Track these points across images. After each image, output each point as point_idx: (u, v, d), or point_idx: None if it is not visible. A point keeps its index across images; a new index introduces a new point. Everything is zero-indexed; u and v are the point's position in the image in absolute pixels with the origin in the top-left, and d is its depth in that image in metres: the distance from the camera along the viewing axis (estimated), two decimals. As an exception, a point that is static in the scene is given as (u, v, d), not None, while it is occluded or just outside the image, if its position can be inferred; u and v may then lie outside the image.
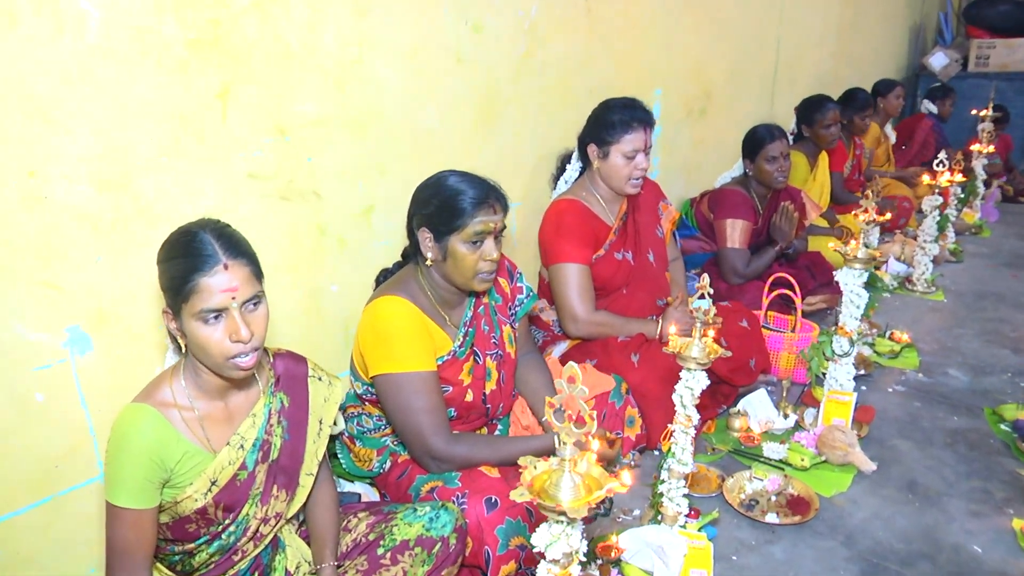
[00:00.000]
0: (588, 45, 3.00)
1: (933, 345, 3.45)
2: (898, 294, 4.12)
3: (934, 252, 4.11)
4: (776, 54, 4.70)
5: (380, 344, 2.00)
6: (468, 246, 1.96)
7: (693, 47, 3.74)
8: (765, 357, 2.90)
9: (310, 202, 2.20)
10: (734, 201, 3.47)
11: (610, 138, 2.61)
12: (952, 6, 7.63)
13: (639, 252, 2.78)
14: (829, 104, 4.31)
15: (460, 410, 2.12)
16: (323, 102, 2.15)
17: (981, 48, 6.73)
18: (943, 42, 7.43)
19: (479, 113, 2.61)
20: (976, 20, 6.91)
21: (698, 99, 3.88)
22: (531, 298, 2.32)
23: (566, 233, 2.64)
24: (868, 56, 6.35)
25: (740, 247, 3.40)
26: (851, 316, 2.55)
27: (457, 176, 2.00)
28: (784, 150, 3.47)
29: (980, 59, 6.75)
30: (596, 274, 2.68)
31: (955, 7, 7.63)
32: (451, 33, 2.44)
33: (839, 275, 2.54)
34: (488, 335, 2.17)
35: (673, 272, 2.99)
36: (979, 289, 4.20)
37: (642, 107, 2.63)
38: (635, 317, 2.73)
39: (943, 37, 7.49)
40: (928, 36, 7.64)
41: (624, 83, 3.25)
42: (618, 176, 2.64)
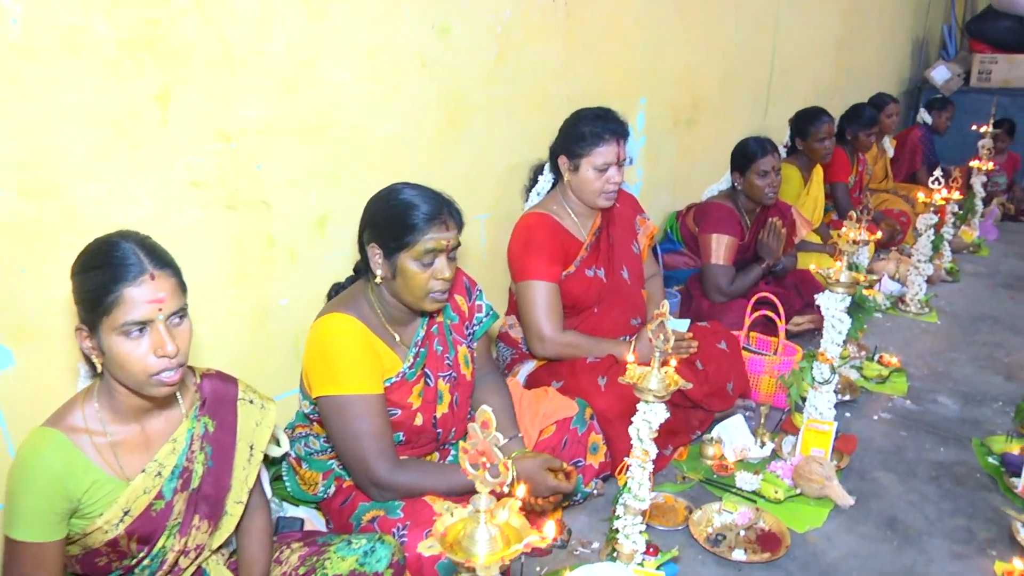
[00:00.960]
0: (567, 51, 2.89)
1: (924, 370, 3.33)
2: (890, 314, 4.00)
3: (928, 272, 3.99)
4: (771, 63, 4.59)
5: (324, 364, 1.89)
6: (419, 264, 1.85)
7: (682, 54, 3.63)
8: (744, 381, 2.78)
9: (258, 212, 2.10)
10: (720, 215, 3.36)
11: (581, 150, 2.50)
12: (956, 20, 7.52)
13: (612, 269, 2.67)
14: (824, 117, 4.20)
15: (409, 435, 2.01)
16: (272, 107, 2.05)
17: (983, 63, 6.61)
18: (946, 55, 7.32)
19: (445, 120, 2.50)
20: (979, 35, 6.80)
21: (686, 109, 3.77)
22: (491, 317, 2.21)
23: (534, 249, 2.54)
24: (869, 68, 6.24)
25: (725, 263, 3.29)
26: (832, 342, 2.43)
27: (410, 190, 1.90)
28: (776, 165, 3.36)
29: (982, 74, 6.64)
30: (566, 292, 2.58)
31: (959, 21, 7.52)
32: (415, 36, 2.34)
33: (820, 299, 2.43)
34: (441, 356, 2.06)
35: (650, 289, 2.88)
36: (975, 311, 4.08)
37: (615, 118, 2.53)
38: (606, 338, 2.62)
39: (947, 50, 7.38)
40: (931, 49, 7.53)
41: (606, 91, 3.15)
42: (589, 190, 2.54)
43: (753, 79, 4.44)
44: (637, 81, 3.34)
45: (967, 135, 6.07)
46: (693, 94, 3.80)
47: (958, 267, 4.69)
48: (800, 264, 3.95)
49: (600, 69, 3.09)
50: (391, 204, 1.88)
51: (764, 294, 3.03)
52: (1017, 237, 5.62)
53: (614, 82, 3.19)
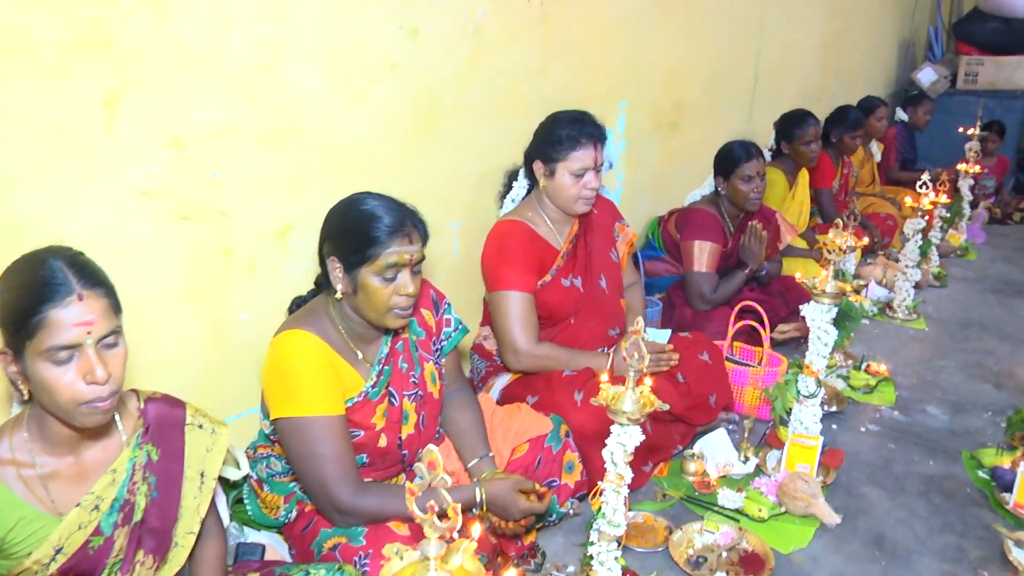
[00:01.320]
0: (543, 52, 2.80)
1: (912, 379, 3.26)
2: (877, 321, 3.92)
3: (916, 278, 3.92)
4: (756, 65, 4.52)
5: (282, 384, 1.80)
6: (381, 279, 1.76)
7: (665, 56, 3.55)
8: (727, 393, 2.70)
9: (215, 222, 2.00)
10: (703, 221, 3.27)
11: (556, 155, 2.41)
12: (942, 22, 7.48)
13: (590, 278, 2.59)
14: (810, 120, 4.13)
15: (372, 456, 1.91)
16: (230, 111, 1.95)
17: (970, 65, 6.57)
18: (933, 57, 7.28)
19: (415, 124, 2.41)
20: (965, 37, 6.76)
21: (669, 111, 3.68)
22: (460, 331, 2.12)
23: (508, 258, 2.44)
24: (856, 70, 6.18)
25: (708, 271, 3.20)
26: (818, 355, 2.35)
27: (372, 200, 1.80)
28: (760, 170, 3.28)
29: (969, 76, 6.60)
30: (541, 302, 2.49)
31: (945, 23, 7.48)
32: (382, 36, 2.24)
33: (805, 310, 2.35)
34: (407, 374, 1.97)
35: (630, 299, 2.79)
36: (963, 317, 4.01)
37: (592, 121, 2.44)
38: (584, 350, 2.53)
39: (933, 52, 7.34)
40: (917, 51, 7.49)
41: (584, 93, 3.06)
42: (566, 196, 2.45)
43: (738, 81, 4.37)
44: (618, 83, 3.25)
45: (954, 137, 6.02)
46: (676, 96, 3.72)
47: (946, 271, 4.63)
48: (785, 270, 3.88)
49: (579, 71, 3.00)
50: (352, 216, 1.78)
51: (748, 303, 2.95)
52: (1004, 240, 5.57)
53: (593, 84, 3.11)
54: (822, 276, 2.33)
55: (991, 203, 6.10)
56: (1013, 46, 6.50)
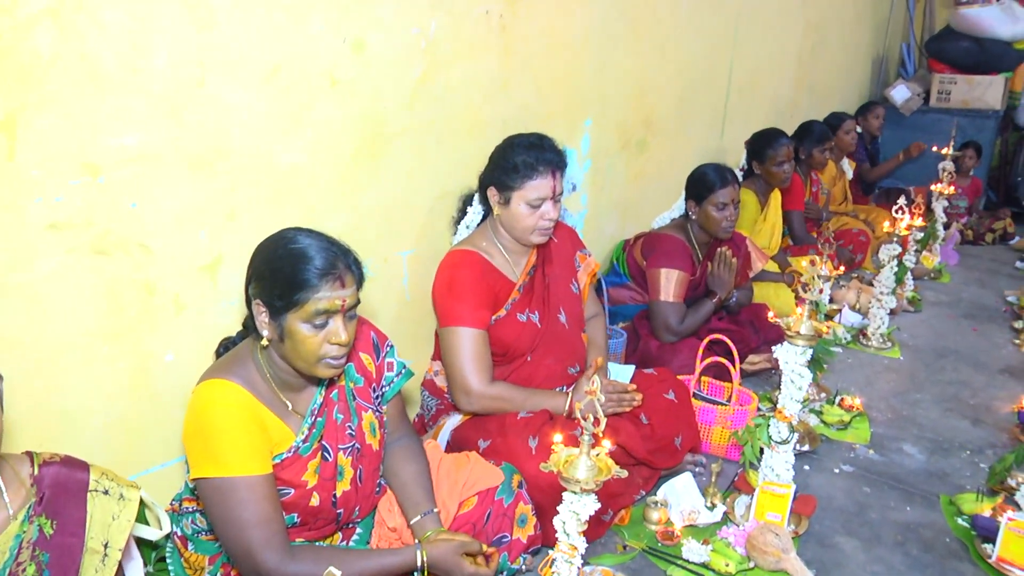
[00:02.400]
0: (503, 68, 2.67)
1: (887, 413, 3.16)
2: (851, 349, 3.83)
3: (891, 304, 3.83)
4: (728, 80, 4.43)
5: (201, 441, 1.64)
6: (309, 327, 1.61)
7: (632, 71, 3.43)
8: (694, 433, 2.57)
9: (135, 256, 1.83)
10: (670, 248, 3.15)
11: (512, 183, 2.28)
12: (915, 39, 7.48)
13: (548, 312, 2.45)
14: (783, 139, 4.04)
15: (304, 516, 1.76)
16: (151, 133, 1.79)
17: (943, 83, 6.56)
18: (905, 74, 7.28)
19: (361, 146, 2.26)
20: (938, 55, 6.75)
21: (637, 129, 3.56)
22: (404, 376, 1.97)
23: (459, 291, 2.30)
24: (829, 86, 6.13)
25: (675, 300, 3.08)
26: (791, 399, 2.23)
27: (303, 238, 1.65)
28: (735, 197, 3.16)
29: (941, 94, 6.58)
30: (495, 338, 2.35)
31: (918, 40, 7.48)
32: (323, 51, 2.09)
33: (778, 352, 2.23)
34: (342, 425, 1.81)
35: (591, 332, 2.66)
36: (938, 345, 3.94)
37: (551, 147, 2.31)
38: (541, 389, 2.39)
39: (905, 69, 7.34)
40: (890, 67, 7.48)
41: (546, 111, 2.93)
42: (521, 226, 2.31)
43: (709, 97, 4.27)
44: (582, 100, 3.12)
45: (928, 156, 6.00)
46: (645, 114, 3.60)
47: (920, 296, 4.57)
48: (757, 296, 3.78)
49: (540, 88, 2.87)
50: (278, 256, 1.63)
51: (717, 335, 2.83)
52: (977, 262, 5.54)
53: (556, 102, 2.98)
54: (796, 315, 2.21)
55: (963, 224, 6.08)
56: (984, 66, 6.50)
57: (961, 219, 6.10)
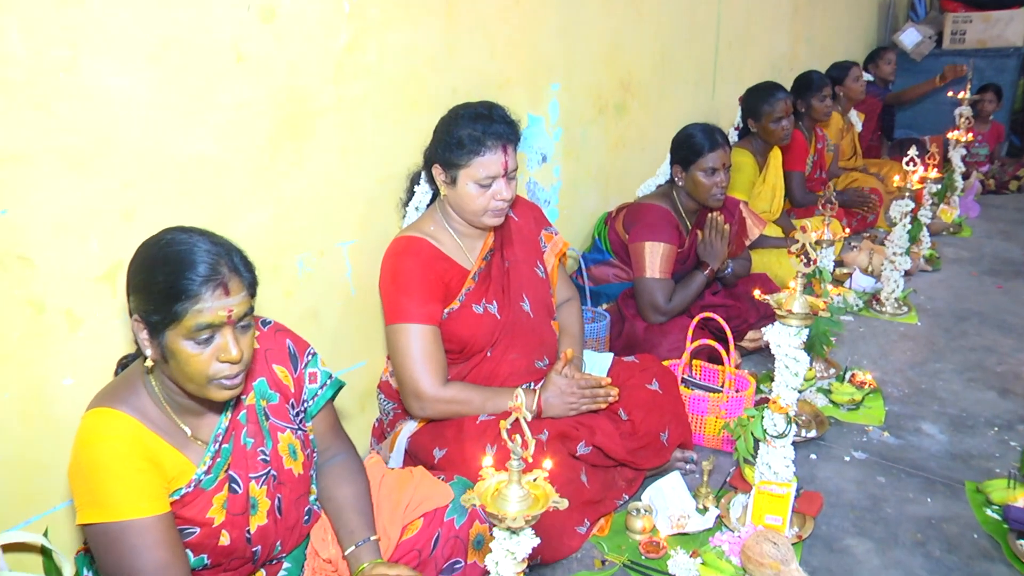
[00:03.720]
0: (448, 31, 2.38)
1: (904, 388, 2.86)
2: (864, 316, 3.53)
3: (906, 266, 3.52)
4: (716, 34, 4.10)
5: (84, 481, 1.39)
6: (193, 344, 1.35)
7: (603, 29, 3.12)
8: (682, 427, 2.30)
9: (13, 271, 1.58)
10: (654, 219, 2.86)
11: (458, 160, 2.00)
12: (925, -23, 7.07)
13: (509, 301, 2.18)
14: (779, 93, 3.72)
15: (214, 557, 1.51)
16: (14, 130, 1.52)
17: (956, 23, 6.15)
18: (916, 17, 6.87)
19: (281, 128, 1.98)
20: (951, -9, 6.35)
21: (613, 92, 3.25)
22: (330, 386, 1.71)
23: (404, 284, 2.04)
24: (830, 35, 5.76)
25: (661, 276, 2.79)
26: (787, 387, 1.94)
27: (179, 238, 1.39)
28: (726, 161, 2.85)
29: (955, 35, 6.18)
30: (449, 334, 2.09)
31: (928, -22, 7.07)
32: (224, 22, 1.82)
33: (769, 334, 1.94)
34: (253, 451, 1.56)
35: (563, 319, 2.38)
36: (959, 307, 3.62)
37: (502, 117, 2.02)
38: (505, 387, 2.13)
39: (915, 12, 6.92)
40: (899, 11, 7.06)
41: (504, 77, 2.63)
42: (471, 208, 2.04)
43: (696, 53, 3.94)
44: (546, 63, 2.82)
45: (942, 103, 5.64)
46: (621, 74, 3.29)
47: (938, 253, 4.24)
48: (757, 264, 3.49)
49: (495, 51, 2.58)
50: (150, 262, 1.37)
51: (708, 314, 2.55)
52: (1000, 213, 5.19)
53: (515, 66, 2.68)
54: (788, 290, 1.92)
55: (984, 172, 5.70)
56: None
57: (982, 167, 5.72)
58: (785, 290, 1.94)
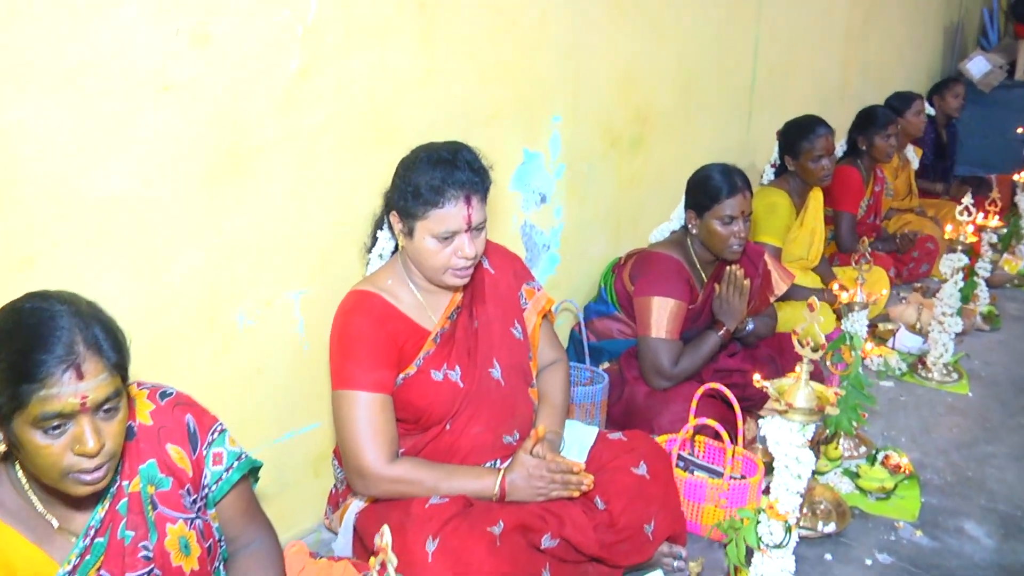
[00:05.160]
0: (424, 55, 2.17)
1: (946, 474, 2.54)
2: (906, 382, 3.21)
3: (956, 328, 3.18)
4: (753, 60, 3.83)
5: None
6: (43, 434, 1.16)
7: (617, 53, 2.87)
8: (672, 518, 2.01)
9: None
10: (662, 270, 2.60)
11: (414, 210, 1.78)
12: (998, 1, 6.66)
13: (475, 366, 1.94)
14: (820, 128, 3.42)
15: None
16: None
17: (1032, 52, 5.78)
18: (987, 44, 6.48)
19: (218, 162, 1.79)
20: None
21: (627, 124, 3.00)
22: (239, 467, 1.50)
23: (351, 346, 1.82)
24: (888, 63, 5.43)
25: (668, 337, 2.52)
26: (787, 490, 1.67)
27: (38, 308, 1.20)
28: (746, 208, 2.57)
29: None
30: (404, 402, 1.87)
31: (1002, 2, 6.66)
32: (147, 46, 1.63)
33: (766, 428, 1.68)
34: (133, 546, 1.35)
35: (545, 386, 2.13)
36: (1019, 375, 3.27)
37: (467, 163, 1.79)
38: (464, 465, 1.90)
39: (987, 38, 6.53)
40: (968, 37, 6.68)
41: (492, 108, 2.41)
42: (429, 265, 1.82)
43: (729, 80, 3.68)
44: (547, 91, 2.59)
45: (1011, 139, 5.27)
46: (638, 104, 3.04)
47: (998, 310, 3.88)
48: (785, 321, 3.20)
49: (483, 78, 2.36)
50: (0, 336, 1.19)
51: (715, 385, 2.28)
52: (1074, 263, 4.79)
53: (507, 94, 2.45)
54: (794, 376, 1.65)
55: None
56: (1083, 28, 5.69)
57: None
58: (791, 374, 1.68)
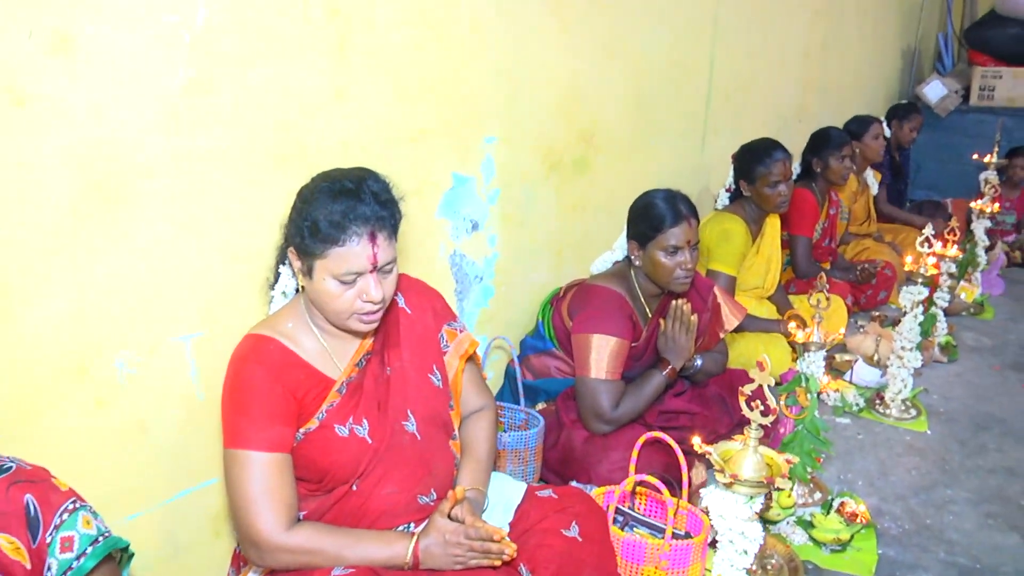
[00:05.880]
0: (340, 69, 1.97)
1: (904, 522, 2.38)
2: (864, 419, 3.06)
3: (915, 364, 3.04)
4: (709, 80, 3.69)
5: None
6: None
7: (560, 70, 2.70)
8: (608, 585, 1.84)
9: None
10: (601, 305, 2.41)
11: (312, 248, 1.57)
12: (953, 28, 6.65)
13: (386, 420, 1.73)
14: (776, 153, 3.27)
15: None
16: None
17: (985, 77, 5.73)
18: (942, 69, 6.45)
19: (87, 191, 1.55)
20: (980, 44, 5.92)
21: (571, 145, 2.82)
22: (92, 555, 1.27)
23: (244, 399, 1.60)
24: (846, 85, 5.35)
25: (608, 378, 2.33)
26: (732, 566, 1.49)
27: None
28: (691, 238, 2.40)
29: (984, 91, 5.75)
30: (304, 460, 1.65)
31: (956, 29, 6.65)
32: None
33: (708, 499, 1.49)
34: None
35: (468, 436, 1.92)
36: (977, 410, 3.14)
37: (373, 196, 1.58)
38: (374, 530, 1.69)
39: (942, 63, 6.51)
40: (924, 62, 6.66)
41: (417, 128, 2.21)
42: (332, 308, 1.61)
43: (683, 100, 3.53)
44: (479, 110, 2.40)
45: (967, 164, 5.20)
46: (583, 124, 2.86)
47: (955, 340, 3.76)
48: (740, 354, 3.04)
49: (404, 95, 2.15)
50: None
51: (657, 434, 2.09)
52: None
53: (432, 113, 2.25)
54: (742, 442, 1.47)
55: (1009, 243, 5.23)
56: (1035, 56, 5.68)
57: (1006, 237, 5.25)
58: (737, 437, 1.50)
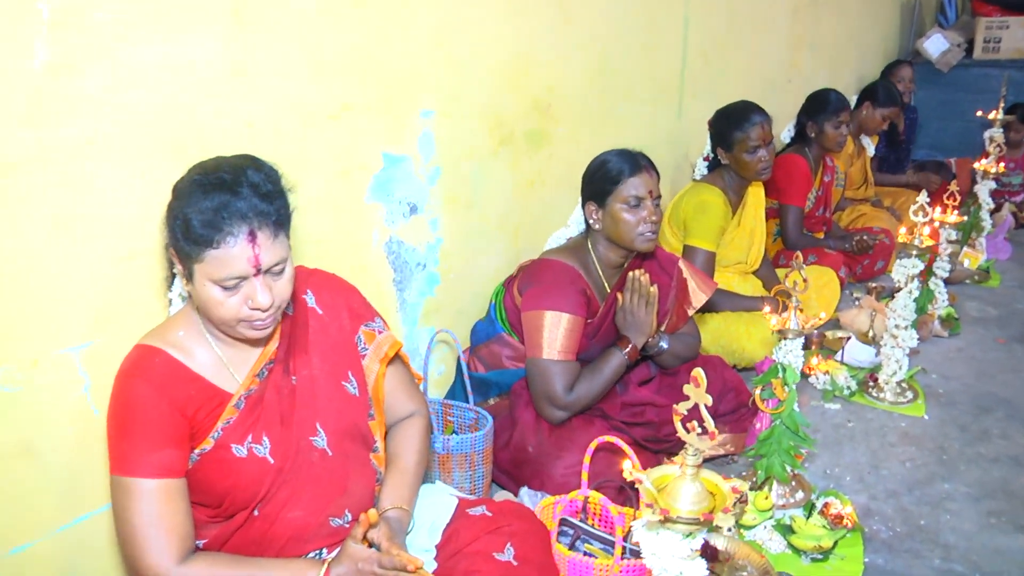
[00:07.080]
0: (239, 40, 1.76)
1: (896, 524, 2.20)
2: (856, 404, 2.88)
3: (911, 343, 2.84)
4: (683, 41, 3.47)
5: None
6: None
7: (507, 34, 2.46)
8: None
9: None
10: (555, 280, 2.23)
11: (188, 251, 1.39)
12: (956, -25, 6.39)
13: (290, 435, 1.55)
14: (754, 116, 3.07)
15: None
16: None
17: (990, 29, 5.47)
18: (944, 22, 6.19)
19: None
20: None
21: (524, 116, 2.61)
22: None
23: (128, 419, 1.43)
24: (841, 42, 5.11)
25: (561, 357, 2.16)
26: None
27: None
28: (653, 188, 2.23)
29: (989, 43, 5.50)
30: (200, 484, 1.48)
31: (960, -23, 6.40)
32: None
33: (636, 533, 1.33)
34: None
35: (395, 445, 1.73)
36: (981, 391, 2.95)
37: (252, 189, 1.38)
38: (280, 559, 1.53)
39: (944, 15, 6.25)
40: (925, 15, 6.40)
41: (338, 102, 2.00)
42: (217, 316, 1.43)
43: (654, 62, 3.31)
44: (412, 81, 2.19)
45: (971, 122, 4.98)
46: (536, 93, 2.65)
47: (957, 312, 3.56)
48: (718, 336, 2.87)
49: (320, 68, 1.94)
50: None
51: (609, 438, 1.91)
52: (1037, 254, 4.51)
53: (356, 86, 2.04)
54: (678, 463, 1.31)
55: (1017, 204, 5.01)
56: (1045, 3, 5.43)
57: (1014, 198, 5.03)
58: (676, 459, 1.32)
